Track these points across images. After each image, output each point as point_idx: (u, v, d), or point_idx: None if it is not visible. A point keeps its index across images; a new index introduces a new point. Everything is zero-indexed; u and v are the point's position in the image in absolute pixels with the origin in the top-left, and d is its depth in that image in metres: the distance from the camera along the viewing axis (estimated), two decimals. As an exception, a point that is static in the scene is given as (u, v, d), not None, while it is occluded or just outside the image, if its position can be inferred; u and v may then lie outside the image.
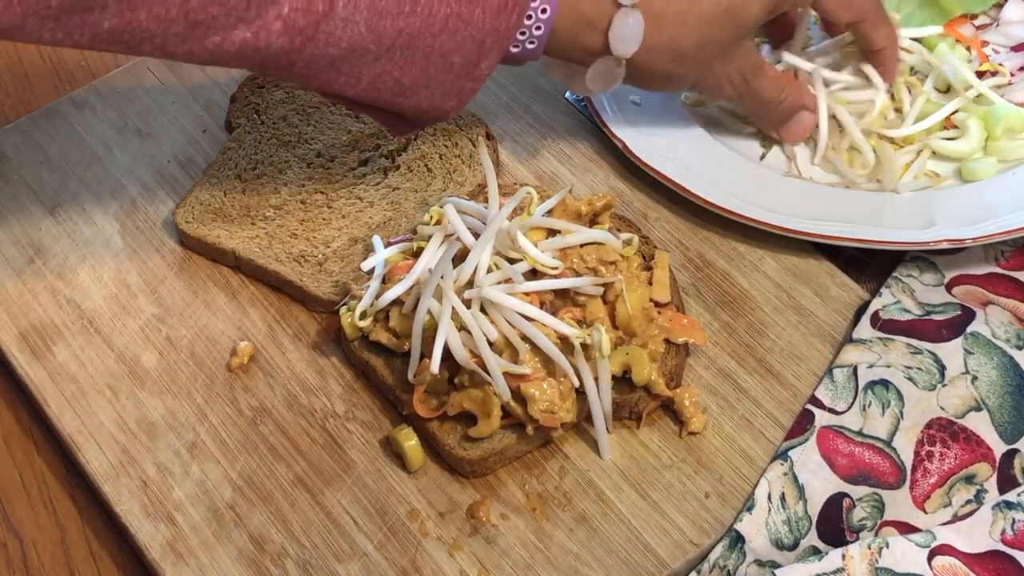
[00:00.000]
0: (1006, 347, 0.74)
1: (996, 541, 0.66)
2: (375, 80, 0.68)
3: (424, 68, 0.68)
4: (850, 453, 0.71)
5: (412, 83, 0.68)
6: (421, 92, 0.69)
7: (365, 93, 0.69)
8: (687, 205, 0.83)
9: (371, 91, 0.68)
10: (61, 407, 0.75)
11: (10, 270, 0.82)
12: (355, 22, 0.65)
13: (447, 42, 0.67)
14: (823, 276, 0.80)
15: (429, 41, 0.67)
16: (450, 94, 0.70)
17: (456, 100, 0.70)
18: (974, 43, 0.92)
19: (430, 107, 0.70)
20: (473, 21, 0.67)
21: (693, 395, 0.73)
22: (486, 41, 0.68)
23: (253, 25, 0.63)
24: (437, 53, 0.67)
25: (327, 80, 0.68)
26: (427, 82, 0.68)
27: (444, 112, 0.71)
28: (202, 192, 0.84)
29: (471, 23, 0.67)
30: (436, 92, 0.69)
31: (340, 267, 0.80)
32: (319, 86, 0.69)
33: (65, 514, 0.74)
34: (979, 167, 0.83)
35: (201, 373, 0.77)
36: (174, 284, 0.81)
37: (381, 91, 0.68)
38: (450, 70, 0.68)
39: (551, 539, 0.69)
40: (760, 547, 0.68)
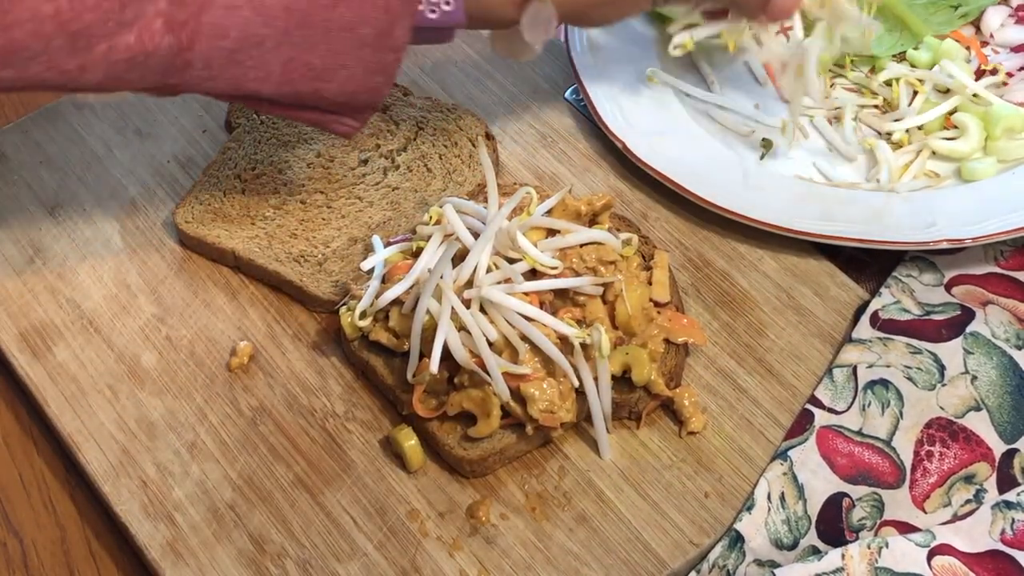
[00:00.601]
0: (1006, 347, 0.74)
1: (996, 541, 0.66)
2: (286, 69, 0.65)
3: (331, 46, 0.65)
4: (850, 453, 0.71)
5: (325, 65, 0.65)
6: (340, 73, 0.66)
7: (283, 88, 0.66)
8: (687, 205, 0.83)
9: (288, 84, 0.66)
10: (61, 407, 0.75)
11: (10, 270, 0.82)
12: (237, 7, 0.62)
13: (346, 13, 0.64)
14: (823, 276, 0.80)
15: (325, 15, 0.64)
16: (372, 70, 0.67)
17: (382, 75, 0.67)
18: (973, 44, 0.92)
19: (356, 88, 0.67)
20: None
21: (693, 395, 0.73)
22: (391, 6, 0.64)
23: (134, 28, 0.61)
24: (338, 27, 0.64)
25: (236, 79, 0.65)
26: (341, 61, 0.65)
27: (374, 91, 0.68)
28: (202, 192, 0.84)
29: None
30: (356, 70, 0.66)
31: (340, 267, 0.80)
32: (232, 88, 0.66)
33: (65, 514, 0.74)
34: (979, 167, 0.83)
35: (201, 373, 0.77)
36: (174, 284, 0.81)
37: (297, 81, 0.66)
38: (362, 44, 0.65)
39: (551, 539, 0.69)
40: (760, 547, 0.68)
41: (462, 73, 0.93)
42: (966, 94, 0.87)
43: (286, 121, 0.88)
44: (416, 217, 0.82)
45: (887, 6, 0.92)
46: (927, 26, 0.92)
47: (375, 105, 0.70)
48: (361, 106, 0.69)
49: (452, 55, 0.94)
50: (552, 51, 0.94)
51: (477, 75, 0.93)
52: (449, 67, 0.94)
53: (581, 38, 0.92)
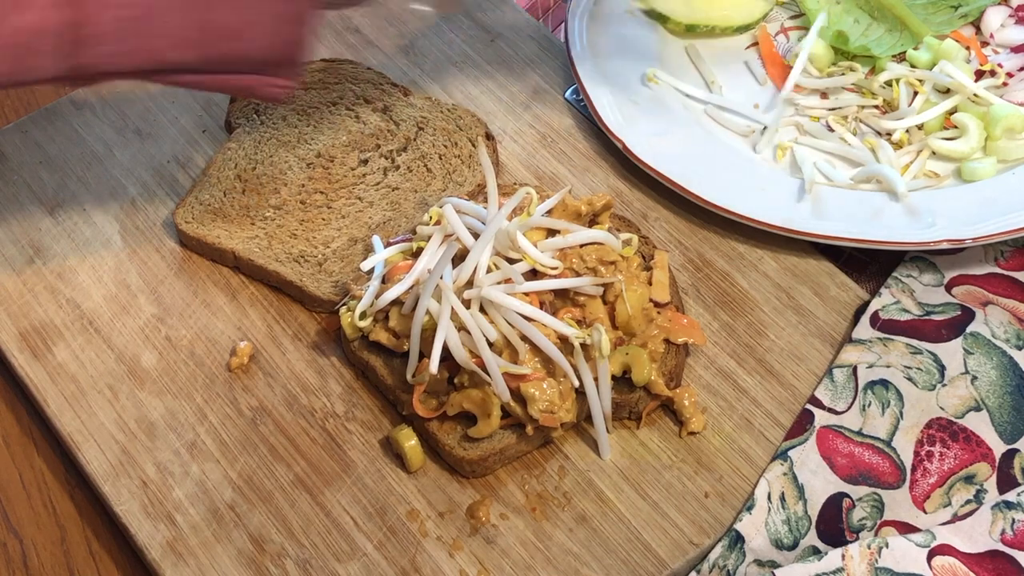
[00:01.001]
0: (1006, 347, 0.74)
1: (996, 541, 0.66)
2: (196, 32, 0.62)
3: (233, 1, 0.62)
4: (850, 453, 0.71)
5: (233, 22, 0.63)
6: (251, 28, 0.64)
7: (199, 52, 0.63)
8: (687, 205, 0.83)
9: (201, 47, 0.63)
10: (61, 407, 0.75)
11: (10, 270, 0.82)
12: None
13: None
14: (823, 276, 0.80)
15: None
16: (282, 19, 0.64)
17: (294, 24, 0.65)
18: (973, 44, 0.92)
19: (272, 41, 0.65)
20: None
21: (693, 395, 0.73)
22: None
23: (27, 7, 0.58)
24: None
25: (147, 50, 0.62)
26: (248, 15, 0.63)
27: (292, 43, 0.65)
28: (202, 192, 0.84)
29: None
30: (266, 22, 0.64)
31: (340, 267, 0.80)
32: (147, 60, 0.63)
33: (65, 514, 0.74)
34: (979, 167, 0.83)
35: (201, 373, 0.77)
36: (174, 284, 0.81)
37: (210, 43, 0.63)
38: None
39: (551, 539, 0.69)
40: (760, 547, 0.68)
41: (462, 73, 0.93)
42: (966, 94, 0.87)
43: (286, 121, 0.88)
44: (416, 217, 0.82)
45: (887, 6, 0.93)
46: (927, 26, 0.92)
47: (297, 58, 0.67)
48: (283, 61, 0.66)
49: (452, 55, 0.94)
50: (552, 51, 0.94)
51: (477, 75, 0.93)
52: (449, 67, 0.94)
53: (581, 38, 0.92)
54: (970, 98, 0.87)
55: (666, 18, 0.95)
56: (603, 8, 0.95)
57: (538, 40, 0.95)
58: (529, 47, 0.95)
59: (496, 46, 0.95)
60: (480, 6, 0.98)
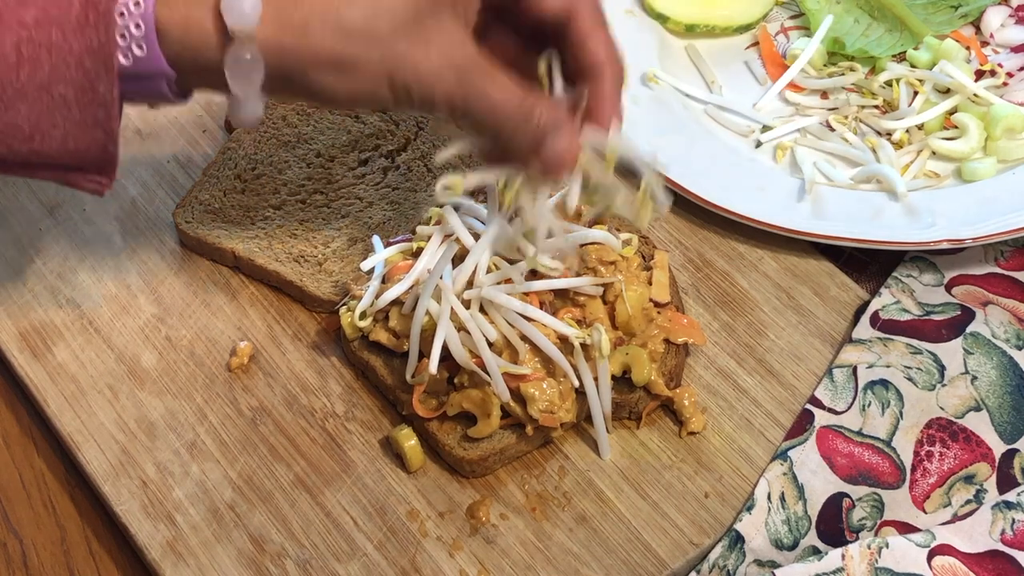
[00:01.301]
0: (1006, 347, 0.74)
1: (996, 541, 0.66)
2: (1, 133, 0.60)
3: (33, 107, 0.60)
4: (850, 453, 0.71)
5: (34, 126, 0.61)
6: (54, 132, 0.61)
7: (8, 150, 0.61)
8: (687, 205, 0.83)
9: (7, 145, 0.61)
10: (61, 407, 0.75)
11: (10, 270, 0.82)
12: None
13: (35, 73, 0.59)
14: (823, 276, 0.80)
15: (12, 76, 0.59)
16: (86, 126, 0.62)
17: (101, 131, 0.62)
18: (973, 44, 0.92)
19: (78, 146, 0.62)
20: (54, 45, 0.58)
21: (693, 395, 0.73)
22: (84, 63, 0.59)
23: None
24: (33, 87, 0.59)
25: None
26: (49, 121, 0.61)
27: (100, 146, 0.63)
28: (202, 192, 0.84)
29: (52, 47, 0.58)
30: (70, 129, 0.61)
31: (340, 267, 0.80)
32: None
33: (65, 514, 0.74)
34: (979, 167, 0.83)
35: (201, 373, 0.77)
36: (174, 284, 0.81)
37: (12, 142, 0.61)
38: (65, 103, 0.60)
39: (551, 539, 0.69)
40: (760, 547, 0.68)
41: (462, 73, 0.93)
42: (966, 94, 0.87)
43: (286, 121, 0.88)
44: (416, 217, 0.82)
45: (887, 6, 0.93)
46: (927, 26, 0.92)
47: (110, 160, 0.64)
48: (95, 162, 0.64)
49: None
50: (552, 51, 0.94)
51: (477, 75, 0.93)
52: (449, 67, 0.93)
53: (581, 38, 0.92)
54: (970, 98, 0.87)
55: (666, 18, 0.95)
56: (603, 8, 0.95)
57: (538, 40, 0.95)
58: (529, 47, 0.95)
59: (496, 46, 0.95)
60: (480, 6, 0.98)
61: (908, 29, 0.92)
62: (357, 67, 0.60)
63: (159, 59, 0.61)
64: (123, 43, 0.60)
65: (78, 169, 0.64)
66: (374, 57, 0.60)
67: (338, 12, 0.59)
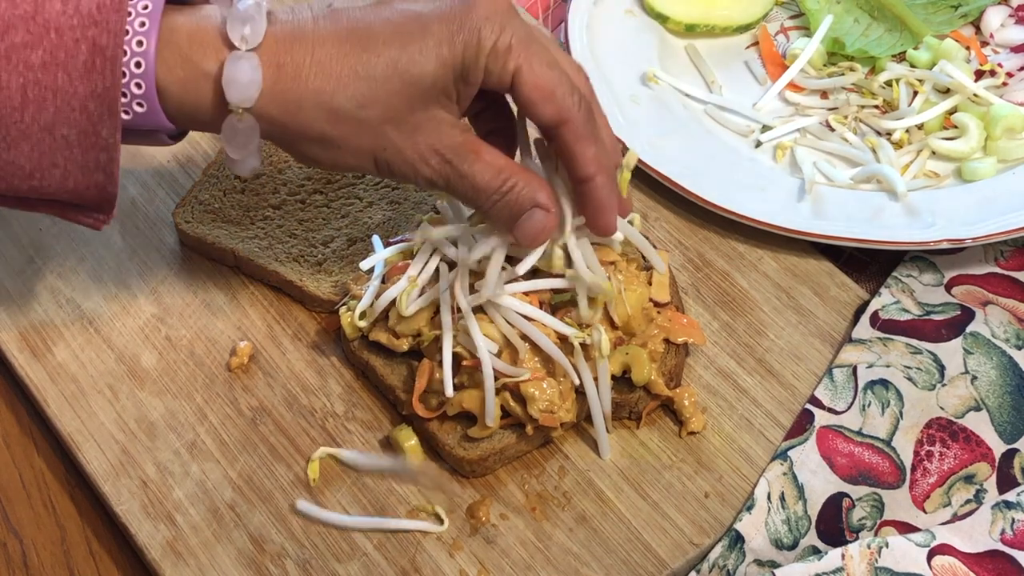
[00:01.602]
0: (1006, 347, 0.74)
1: (996, 541, 0.66)
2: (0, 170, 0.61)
3: (34, 147, 0.61)
4: (850, 453, 0.71)
5: (33, 165, 0.61)
6: (53, 172, 0.62)
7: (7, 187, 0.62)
8: (687, 205, 0.83)
9: (6, 182, 0.62)
10: (61, 407, 0.75)
11: (10, 270, 0.82)
12: None
13: (40, 115, 0.60)
14: (823, 276, 0.80)
15: (16, 116, 0.60)
16: (87, 168, 0.62)
17: (101, 173, 0.63)
18: (973, 44, 0.92)
19: (77, 186, 0.63)
20: (60, 88, 0.59)
21: (693, 395, 0.73)
22: (88, 106, 0.60)
23: None
24: (36, 128, 0.60)
25: None
26: (50, 161, 0.61)
27: (100, 187, 0.64)
28: (202, 192, 0.84)
29: (58, 90, 0.59)
30: (71, 169, 0.62)
31: (340, 267, 0.80)
32: None
33: (65, 514, 0.74)
34: (979, 167, 0.83)
35: (201, 373, 0.77)
36: (174, 284, 0.81)
37: (12, 180, 0.62)
38: (67, 144, 0.61)
39: (551, 539, 0.69)
40: (760, 547, 0.68)
41: (462, 73, 0.93)
42: (966, 94, 0.87)
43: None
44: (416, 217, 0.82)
45: (887, 5, 0.93)
46: (927, 26, 0.92)
47: (108, 199, 0.65)
48: (93, 201, 0.65)
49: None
50: (552, 51, 0.94)
51: (477, 75, 0.93)
52: (449, 67, 0.93)
53: (581, 38, 0.92)
54: (970, 98, 0.87)
55: (666, 18, 0.95)
56: (603, 8, 0.95)
57: (538, 40, 0.95)
58: (529, 47, 0.95)
59: (496, 46, 0.95)
60: (480, 6, 0.98)
61: (908, 29, 0.92)
62: (344, 146, 0.64)
63: (159, 115, 0.62)
64: (124, 100, 0.61)
65: (76, 206, 0.65)
66: (361, 139, 0.63)
67: (332, 97, 0.62)
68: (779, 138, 0.88)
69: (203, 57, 0.61)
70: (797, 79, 0.91)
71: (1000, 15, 0.94)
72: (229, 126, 0.62)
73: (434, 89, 0.63)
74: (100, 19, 0.59)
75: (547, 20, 1.01)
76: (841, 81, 0.90)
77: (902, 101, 0.88)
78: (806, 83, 0.91)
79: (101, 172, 0.63)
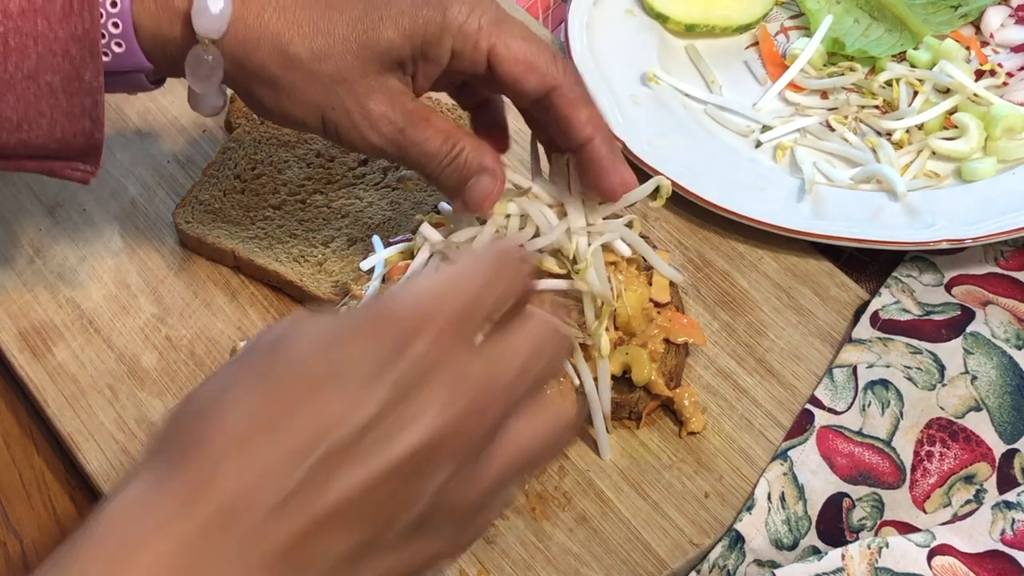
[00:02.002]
0: (1006, 347, 0.74)
1: (996, 541, 0.66)
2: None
3: (20, 97, 0.61)
4: (850, 453, 0.71)
5: (22, 116, 0.62)
6: (40, 122, 0.63)
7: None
8: (687, 205, 0.83)
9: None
10: (61, 407, 0.75)
11: (10, 270, 0.82)
12: None
13: (23, 63, 0.60)
14: (823, 276, 0.80)
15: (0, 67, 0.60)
16: (73, 115, 0.63)
17: (87, 119, 0.63)
18: (973, 44, 0.92)
19: (65, 134, 0.64)
20: (40, 34, 0.60)
21: (693, 395, 0.73)
22: (70, 50, 0.61)
23: None
24: (20, 77, 0.61)
25: None
26: (38, 110, 0.62)
27: (87, 134, 0.64)
28: (202, 192, 0.84)
29: (39, 36, 0.60)
30: (58, 117, 0.63)
31: (340, 267, 0.80)
32: None
33: (65, 514, 0.74)
34: (979, 167, 0.83)
35: (201, 373, 0.77)
36: (174, 284, 0.81)
37: (1, 135, 0.62)
38: (52, 92, 0.62)
39: (551, 539, 0.69)
40: (760, 547, 0.68)
41: (462, 73, 0.93)
42: (966, 94, 0.87)
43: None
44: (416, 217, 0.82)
45: (887, 6, 0.93)
46: (927, 26, 0.92)
47: (95, 147, 0.66)
48: (81, 150, 0.65)
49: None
50: (552, 51, 0.94)
51: (477, 75, 0.93)
52: (449, 67, 0.93)
53: (581, 38, 0.92)
54: (970, 98, 0.87)
55: (666, 18, 0.95)
56: (603, 8, 0.95)
57: (538, 40, 0.95)
58: (529, 47, 0.95)
59: (496, 46, 0.95)
60: (480, 6, 0.98)
61: (908, 29, 0.92)
62: (292, 94, 0.64)
63: (138, 55, 0.63)
64: (103, 41, 0.62)
65: (64, 158, 0.66)
66: (310, 92, 0.64)
67: (289, 43, 0.63)
68: (779, 138, 0.88)
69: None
70: (797, 79, 0.91)
71: (1000, 15, 0.94)
72: (194, 56, 0.63)
73: (389, 56, 0.63)
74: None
75: (547, 20, 1.02)
76: (841, 81, 0.90)
77: (902, 101, 0.88)
78: (806, 83, 0.91)
79: (87, 118, 0.63)
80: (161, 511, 0.42)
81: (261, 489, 0.42)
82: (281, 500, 0.42)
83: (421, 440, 0.43)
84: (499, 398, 0.46)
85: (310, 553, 0.43)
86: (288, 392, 0.43)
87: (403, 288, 0.47)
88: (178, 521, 0.41)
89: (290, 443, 0.42)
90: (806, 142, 0.88)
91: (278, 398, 0.43)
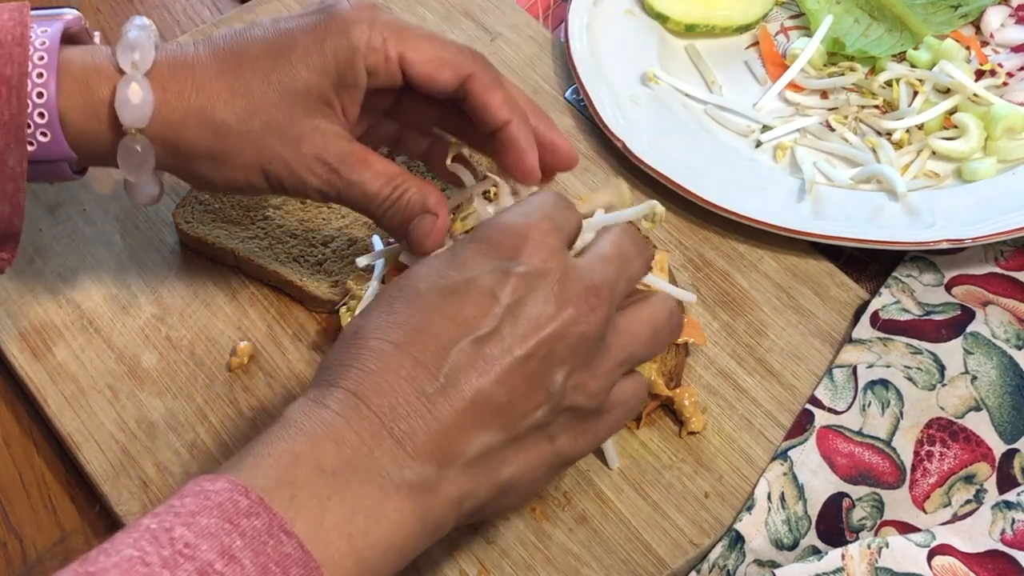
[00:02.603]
0: (1006, 347, 0.74)
1: (996, 541, 0.66)
2: None
3: None
4: (850, 453, 0.71)
5: None
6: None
7: None
8: (687, 205, 0.83)
9: None
10: (61, 407, 0.75)
11: (10, 270, 0.82)
12: None
13: None
14: (823, 276, 0.80)
15: None
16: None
17: (8, 204, 0.65)
18: (973, 44, 0.92)
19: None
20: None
21: (693, 395, 0.73)
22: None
23: None
24: None
25: None
26: None
27: (6, 221, 0.65)
28: (202, 192, 0.84)
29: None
30: None
31: (340, 267, 0.80)
32: None
33: (65, 514, 0.74)
34: (979, 167, 0.83)
35: (201, 373, 0.77)
36: (174, 284, 0.81)
37: None
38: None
39: (551, 539, 0.69)
40: (760, 547, 0.68)
41: (462, 73, 0.93)
42: (966, 94, 0.87)
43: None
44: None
45: (887, 5, 0.93)
46: (927, 26, 0.92)
47: (13, 234, 0.67)
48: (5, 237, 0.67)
49: (452, 55, 0.94)
50: (552, 51, 0.94)
51: (477, 75, 0.93)
52: (449, 67, 0.93)
53: (581, 38, 0.92)
54: (970, 98, 0.87)
55: (666, 18, 0.95)
56: (603, 8, 0.95)
57: (538, 40, 0.95)
58: (529, 47, 0.95)
59: (496, 46, 0.95)
60: (480, 6, 0.98)
61: (908, 29, 0.92)
62: (229, 160, 0.65)
63: (63, 145, 0.64)
64: (28, 131, 0.63)
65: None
66: (246, 153, 0.65)
67: (213, 113, 0.64)
68: (779, 138, 0.88)
69: (98, 83, 0.63)
70: (797, 79, 0.91)
71: (1000, 15, 0.94)
72: (124, 147, 0.64)
73: (310, 97, 0.64)
74: (3, 52, 0.61)
75: (547, 20, 1.02)
76: (841, 81, 0.90)
77: (902, 101, 0.88)
78: (806, 83, 0.91)
79: (7, 203, 0.65)
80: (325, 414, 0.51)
81: (407, 392, 0.52)
82: (425, 400, 0.52)
83: (540, 337, 0.53)
84: (604, 296, 0.55)
85: (453, 446, 0.52)
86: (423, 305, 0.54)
87: (494, 218, 0.57)
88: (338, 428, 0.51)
89: (428, 346, 0.52)
90: (806, 142, 0.88)
91: (416, 310, 0.54)
